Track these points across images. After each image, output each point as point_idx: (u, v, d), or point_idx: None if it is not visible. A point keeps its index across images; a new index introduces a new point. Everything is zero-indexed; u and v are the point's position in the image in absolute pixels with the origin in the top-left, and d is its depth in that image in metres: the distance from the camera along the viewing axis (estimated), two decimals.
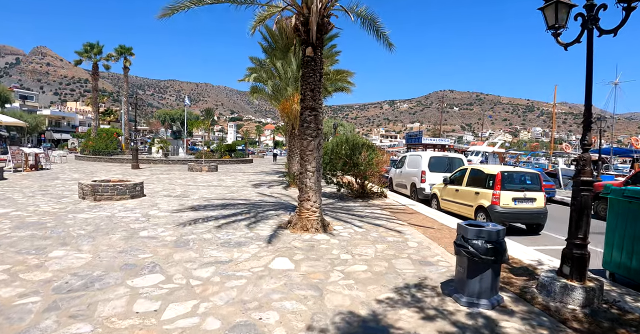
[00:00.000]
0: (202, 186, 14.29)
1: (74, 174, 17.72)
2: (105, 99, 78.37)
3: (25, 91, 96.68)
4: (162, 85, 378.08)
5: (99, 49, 36.39)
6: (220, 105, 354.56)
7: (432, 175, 13.37)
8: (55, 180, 15.10)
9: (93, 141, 31.46)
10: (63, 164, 25.34)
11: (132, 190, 10.33)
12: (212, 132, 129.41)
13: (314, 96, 7.39)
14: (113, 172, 19.35)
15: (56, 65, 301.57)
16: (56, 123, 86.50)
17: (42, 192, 11.30)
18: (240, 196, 11.86)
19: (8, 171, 17.82)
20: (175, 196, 11.19)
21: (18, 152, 18.86)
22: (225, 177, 18.62)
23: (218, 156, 33.79)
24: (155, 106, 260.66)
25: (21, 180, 14.74)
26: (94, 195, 9.96)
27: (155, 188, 13.09)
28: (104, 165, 25.40)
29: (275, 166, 31.63)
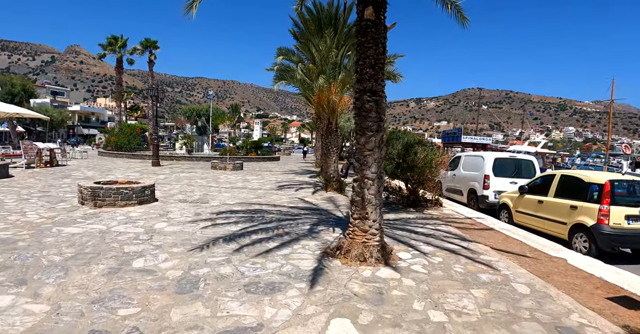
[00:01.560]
0: (225, 188, 12.46)
1: (88, 172, 16.25)
2: (132, 95, 78.22)
3: (56, 87, 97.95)
4: (190, 82, 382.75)
5: (123, 42, 35.27)
6: (246, 102, 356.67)
7: (497, 180, 11.15)
8: (65, 179, 13.58)
9: (116, 137, 30.32)
10: (83, 159, 24.13)
11: (140, 194, 8.55)
12: (239, 129, 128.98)
13: (375, 74, 5.37)
14: (132, 170, 17.84)
15: (89, 63, 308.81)
16: (86, 119, 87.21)
17: (41, 195, 9.68)
18: (269, 201, 9.95)
19: (20, 167, 16.54)
20: (192, 202, 9.37)
21: (31, 147, 17.54)
22: (251, 177, 16.80)
23: (244, 153, 32.17)
24: (183, 102, 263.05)
25: (27, 178, 13.28)
26: (94, 200, 8.23)
27: (171, 190, 11.33)
28: (125, 161, 24.07)
29: (304, 164, 29.74)
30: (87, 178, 13.99)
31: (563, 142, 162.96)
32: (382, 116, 5.44)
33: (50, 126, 50.95)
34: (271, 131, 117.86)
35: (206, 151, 35.77)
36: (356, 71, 5.57)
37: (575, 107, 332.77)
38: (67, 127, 77.53)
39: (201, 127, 39.17)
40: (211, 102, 45.24)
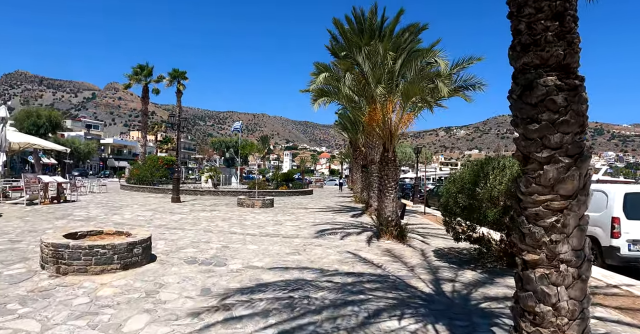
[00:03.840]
0: (252, 235, 9.60)
1: (94, 210, 13.81)
2: (163, 127, 78.13)
3: (91, 121, 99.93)
4: (222, 116, 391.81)
5: (148, 71, 33.99)
6: (276, 134, 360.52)
7: (632, 225, 7.88)
8: (59, 220, 11.10)
9: (139, 169, 28.35)
10: (100, 194, 22.01)
11: (125, 255, 5.77)
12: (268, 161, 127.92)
13: (563, 33, 2.49)
14: (145, 208, 15.34)
15: (126, 99, 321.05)
16: (118, 151, 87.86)
17: (4, 248, 7.09)
18: (312, 259, 7.00)
19: (22, 204, 14.31)
20: (203, 263, 6.51)
21: (34, 181, 15.38)
22: (284, 217, 13.92)
23: (274, 186, 29.56)
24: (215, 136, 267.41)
25: (14, 219, 10.86)
26: (57, 264, 5.51)
27: (180, 240, 8.54)
28: (144, 196, 21.76)
29: (341, 199, 26.72)
30: (87, 219, 11.49)
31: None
32: (583, 121, 2.51)
33: (78, 158, 50.28)
34: (301, 162, 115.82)
35: (234, 183, 33.38)
36: (515, 32, 2.69)
37: (613, 131, 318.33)
38: (100, 159, 77.92)
39: (229, 158, 37.05)
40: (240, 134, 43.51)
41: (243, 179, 41.90)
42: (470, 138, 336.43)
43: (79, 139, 56.69)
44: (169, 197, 20.41)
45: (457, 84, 9.11)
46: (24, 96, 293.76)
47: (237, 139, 43.46)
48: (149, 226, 10.56)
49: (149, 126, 50.23)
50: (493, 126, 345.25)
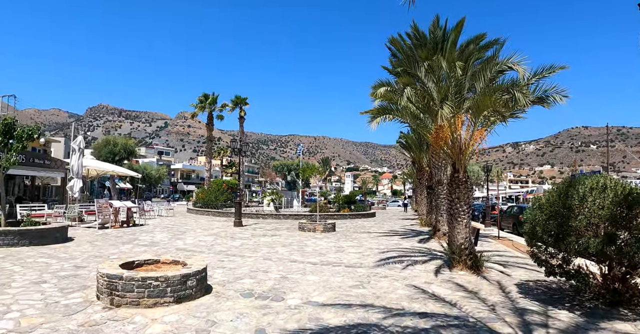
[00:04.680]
0: (312, 263, 9.06)
1: (159, 235, 14.05)
2: (228, 152, 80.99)
3: (163, 148, 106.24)
4: (284, 140, 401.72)
5: (213, 99, 35.46)
6: (337, 156, 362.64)
7: None
8: (125, 245, 11.29)
9: (204, 193, 29.14)
10: (167, 217, 22.69)
11: (178, 288, 5.45)
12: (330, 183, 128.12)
13: None
14: (208, 232, 15.40)
15: (195, 126, 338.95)
16: (187, 176, 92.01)
17: (66, 274, 7.13)
18: (377, 295, 6.30)
19: (94, 228, 14.93)
20: (260, 296, 6.04)
21: (106, 205, 16.04)
22: (346, 243, 13.28)
23: (336, 209, 29.01)
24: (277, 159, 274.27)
25: (83, 244, 11.20)
26: (111, 296, 5.30)
27: (238, 269, 8.19)
28: (209, 220, 22.11)
29: (405, 221, 25.58)
30: (151, 244, 11.60)
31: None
32: None
33: (150, 182, 53.11)
34: (363, 184, 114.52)
35: (296, 207, 33.30)
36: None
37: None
38: (170, 183, 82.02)
39: (291, 181, 37.24)
40: (301, 157, 43.80)
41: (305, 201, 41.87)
42: (540, 153, 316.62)
43: (151, 165, 60.11)
44: (232, 220, 20.54)
45: (536, 95, 8.14)
46: (105, 127, 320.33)
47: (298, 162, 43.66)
48: (209, 252, 10.40)
49: (214, 151, 52.18)
50: (566, 139, 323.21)
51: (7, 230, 10.32)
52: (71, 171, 16.67)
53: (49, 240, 10.98)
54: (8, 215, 11.53)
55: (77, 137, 16.94)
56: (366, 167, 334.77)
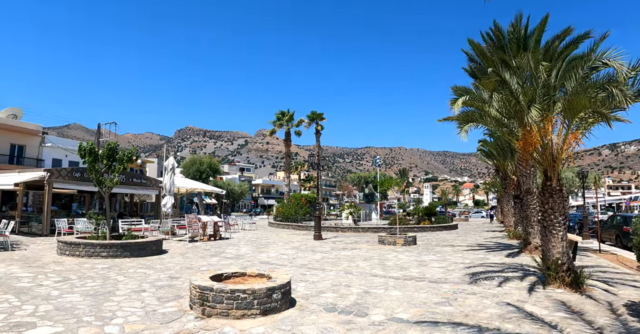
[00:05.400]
0: (394, 278, 8.85)
1: (244, 248, 14.62)
2: (305, 166, 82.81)
3: (244, 164, 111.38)
4: (359, 152, 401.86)
5: (290, 116, 36.66)
6: (414, 167, 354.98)
7: None
8: (213, 257, 11.89)
9: (283, 207, 29.99)
10: (250, 231, 23.59)
11: (264, 300, 5.60)
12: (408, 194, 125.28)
13: None
14: (289, 245, 15.75)
15: (273, 143, 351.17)
16: (267, 190, 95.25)
17: (162, 285, 7.64)
18: (465, 314, 5.97)
19: (184, 241, 15.95)
20: (343, 311, 6.00)
21: (195, 220, 17.10)
22: (428, 256, 12.83)
23: (415, 222, 28.25)
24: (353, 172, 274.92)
25: (176, 256, 11.98)
26: (203, 306, 5.58)
27: (320, 282, 8.24)
28: (289, 233, 22.63)
29: (491, 234, 24.19)
30: (236, 257, 12.09)
31: None
32: None
33: (233, 197, 55.78)
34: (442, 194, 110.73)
35: (374, 219, 33.02)
36: None
37: None
38: (251, 198, 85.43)
39: (368, 194, 37.06)
40: (378, 169, 43.46)
41: (383, 214, 41.34)
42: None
43: (234, 181, 63.27)
44: (311, 234, 20.84)
45: (636, 88, 7.33)
46: (192, 147, 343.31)
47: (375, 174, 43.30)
48: (291, 265, 10.60)
49: (292, 166, 53.65)
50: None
51: (111, 243, 11.39)
52: (164, 189, 18.03)
53: (147, 252, 11.92)
54: (112, 229, 12.71)
55: (169, 158, 18.35)
56: (445, 177, 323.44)
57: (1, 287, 7.27)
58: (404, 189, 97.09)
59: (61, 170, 18.72)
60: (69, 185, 19.19)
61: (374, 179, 63.49)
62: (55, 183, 18.06)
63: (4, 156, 32.77)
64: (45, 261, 10.48)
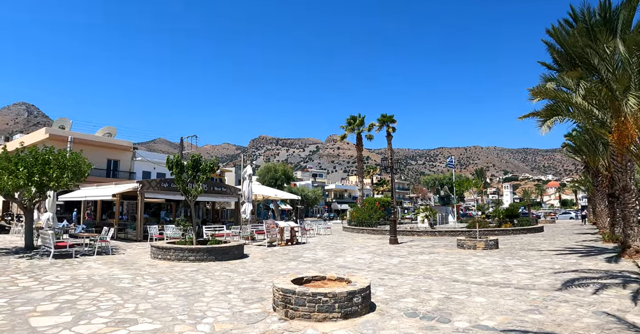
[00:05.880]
0: (477, 284, 8.51)
1: (320, 252, 14.86)
2: (378, 170, 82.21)
3: (316, 170, 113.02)
4: (432, 153, 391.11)
5: (360, 120, 36.76)
6: (491, 166, 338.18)
7: None
8: (291, 261, 12.23)
9: (357, 212, 29.98)
10: (325, 236, 23.88)
11: (345, 304, 5.67)
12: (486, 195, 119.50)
13: None
14: (365, 250, 15.74)
15: (344, 148, 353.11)
16: (340, 195, 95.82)
17: (246, 287, 8.02)
18: (558, 323, 5.56)
19: (263, 246, 16.57)
20: (424, 317, 5.89)
21: (272, 226, 17.70)
22: (512, 261, 12.16)
23: (496, 224, 26.87)
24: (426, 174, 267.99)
25: (257, 260, 12.48)
26: (285, 308, 5.78)
27: (399, 287, 8.15)
28: (364, 238, 22.58)
29: (582, 236, 22.34)
30: (314, 261, 12.32)
31: None
32: None
33: (307, 203, 56.83)
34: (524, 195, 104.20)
35: (451, 222, 31.94)
36: None
37: None
38: (325, 203, 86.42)
39: (444, 196, 35.94)
40: (453, 170, 41.99)
41: (460, 217, 39.83)
42: None
43: (307, 187, 64.48)
44: (386, 238, 20.66)
45: None
46: (265, 155, 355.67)
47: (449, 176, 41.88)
48: (368, 270, 10.60)
49: (364, 170, 53.62)
50: None
51: (198, 248, 12.15)
52: (243, 196, 18.88)
53: (230, 256, 12.55)
54: (197, 235, 13.55)
55: (247, 167, 19.22)
56: (526, 176, 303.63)
57: (106, 287, 8.06)
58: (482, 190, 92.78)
59: (151, 181, 20.32)
60: (158, 195, 20.77)
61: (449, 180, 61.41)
62: (146, 193, 19.64)
63: (102, 170, 36.28)
64: (141, 264, 11.43)
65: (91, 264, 11.26)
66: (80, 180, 15.36)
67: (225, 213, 39.06)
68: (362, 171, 37.83)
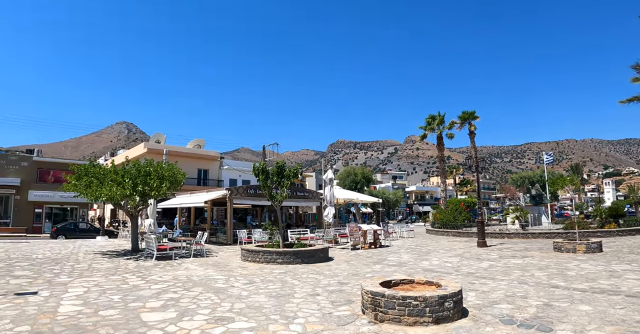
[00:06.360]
0: (580, 290, 7.84)
1: (405, 255, 14.64)
2: (461, 169, 78.98)
3: (396, 172, 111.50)
4: (519, 150, 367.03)
5: (440, 119, 35.55)
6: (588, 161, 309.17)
7: None
8: (376, 265, 12.19)
9: (440, 213, 29.07)
10: (409, 238, 23.46)
11: (436, 308, 5.55)
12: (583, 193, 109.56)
13: None
14: (452, 253, 15.23)
15: (423, 148, 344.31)
16: (421, 197, 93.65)
17: (333, 289, 8.15)
18: None
19: (347, 249, 16.71)
20: (522, 324, 5.56)
21: (355, 229, 17.77)
22: (621, 266, 11.02)
23: (598, 225, 24.53)
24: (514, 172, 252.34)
25: (342, 263, 12.62)
26: (375, 311, 5.79)
27: (492, 292, 7.78)
28: (449, 240, 21.84)
29: None
30: (399, 264, 12.19)
31: None
32: None
33: (388, 206, 56.19)
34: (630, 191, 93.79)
35: (545, 224, 29.79)
36: None
37: None
38: (406, 205, 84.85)
39: (535, 195, 33.57)
40: (545, 166, 39.09)
41: (555, 217, 36.93)
42: None
43: (388, 190, 63.78)
44: (473, 241, 19.81)
45: None
46: (344, 159, 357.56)
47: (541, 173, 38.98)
48: (456, 274, 10.25)
49: (446, 170, 51.80)
50: None
51: (285, 251, 12.59)
52: (325, 200, 19.20)
53: (315, 259, 12.83)
54: (283, 238, 14.03)
55: (328, 171, 19.54)
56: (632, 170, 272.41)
57: (203, 287, 8.65)
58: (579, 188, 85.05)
59: (238, 188, 21.46)
60: (245, 200, 21.86)
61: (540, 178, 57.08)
62: (234, 199, 20.76)
63: (194, 179, 39.05)
64: (232, 266, 12.10)
65: (189, 266, 12.14)
66: (176, 189, 16.71)
67: (307, 217, 39.97)
68: (444, 171, 36.58)
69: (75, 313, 6.36)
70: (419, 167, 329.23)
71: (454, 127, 36.27)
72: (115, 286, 8.79)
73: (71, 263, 12.72)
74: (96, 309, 6.57)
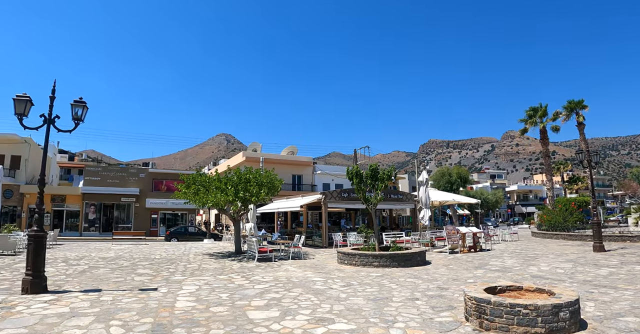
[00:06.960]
0: None
1: (509, 260, 13.73)
2: (569, 166, 72.08)
3: (495, 171, 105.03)
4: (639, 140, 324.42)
5: (542, 111, 32.63)
6: None
7: None
8: (477, 269, 11.60)
9: (548, 215, 26.67)
10: (512, 242, 21.95)
11: (549, 319, 5.11)
12: None
13: None
14: (563, 258, 13.97)
15: (523, 144, 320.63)
16: (524, 197, 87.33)
17: (433, 294, 7.93)
18: None
19: (445, 253, 16.15)
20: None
21: (454, 232, 17.09)
22: None
23: None
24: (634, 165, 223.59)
25: (440, 267, 12.23)
26: (480, 319, 5.51)
27: (614, 304, 6.94)
28: (559, 244, 20.00)
29: None
30: (502, 270, 11.47)
31: None
32: None
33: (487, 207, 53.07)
34: None
35: None
36: None
37: None
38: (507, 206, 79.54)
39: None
40: None
41: None
42: None
43: (486, 190, 60.26)
44: (587, 245, 17.99)
45: None
46: (437, 159, 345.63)
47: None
48: (570, 281, 9.36)
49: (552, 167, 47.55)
50: None
51: (381, 254, 12.52)
52: (420, 202, 18.75)
53: (412, 263, 12.57)
54: (378, 242, 13.97)
55: (422, 172, 19.08)
56: None
57: (303, 288, 8.93)
58: None
59: (332, 192, 21.83)
60: (339, 204, 22.17)
61: None
62: (328, 203, 21.15)
63: (288, 184, 40.63)
64: (329, 268, 12.32)
65: (288, 268, 12.62)
66: (273, 194, 17.51)
67: (401, 220, 39.30)
68: (549, 167, 33.56)
69: (189, 308, 6.95)
70: (519, 164, 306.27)
71: (559, 118, 33.18)
72: (223, 285, 9.44)
73: (184, 263, 13.94)
74: (207, 306, 7.12)
